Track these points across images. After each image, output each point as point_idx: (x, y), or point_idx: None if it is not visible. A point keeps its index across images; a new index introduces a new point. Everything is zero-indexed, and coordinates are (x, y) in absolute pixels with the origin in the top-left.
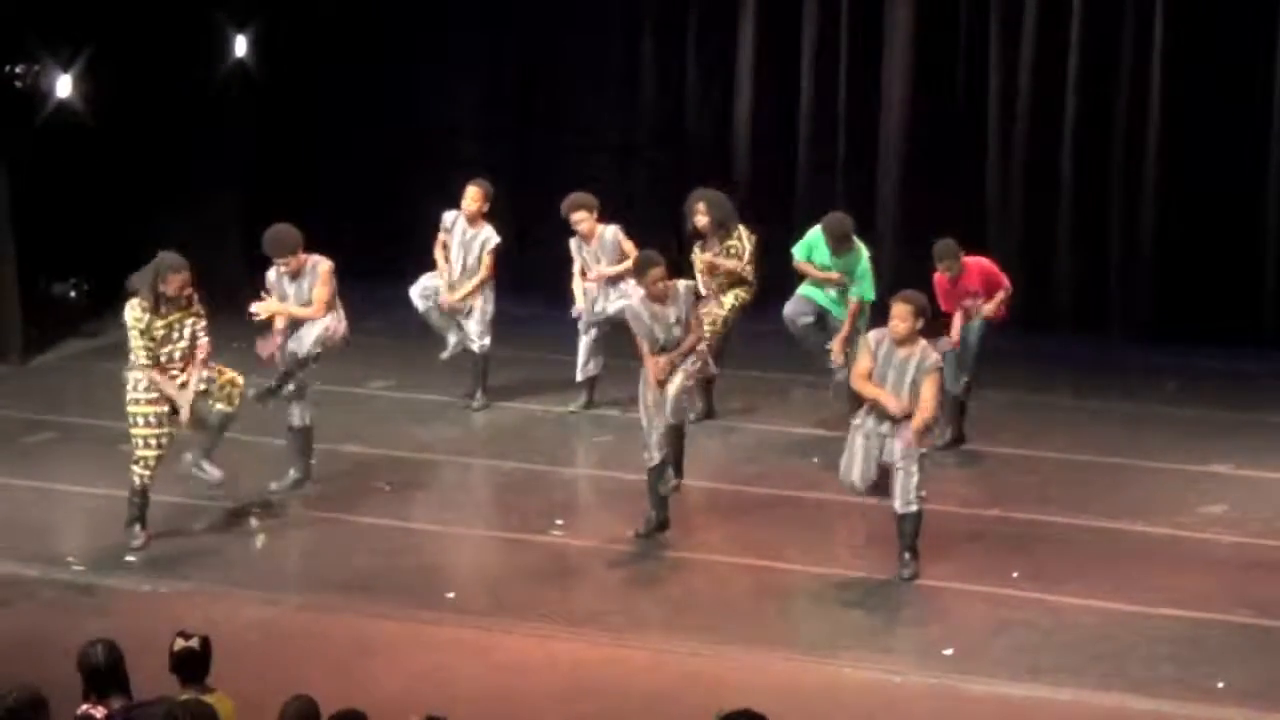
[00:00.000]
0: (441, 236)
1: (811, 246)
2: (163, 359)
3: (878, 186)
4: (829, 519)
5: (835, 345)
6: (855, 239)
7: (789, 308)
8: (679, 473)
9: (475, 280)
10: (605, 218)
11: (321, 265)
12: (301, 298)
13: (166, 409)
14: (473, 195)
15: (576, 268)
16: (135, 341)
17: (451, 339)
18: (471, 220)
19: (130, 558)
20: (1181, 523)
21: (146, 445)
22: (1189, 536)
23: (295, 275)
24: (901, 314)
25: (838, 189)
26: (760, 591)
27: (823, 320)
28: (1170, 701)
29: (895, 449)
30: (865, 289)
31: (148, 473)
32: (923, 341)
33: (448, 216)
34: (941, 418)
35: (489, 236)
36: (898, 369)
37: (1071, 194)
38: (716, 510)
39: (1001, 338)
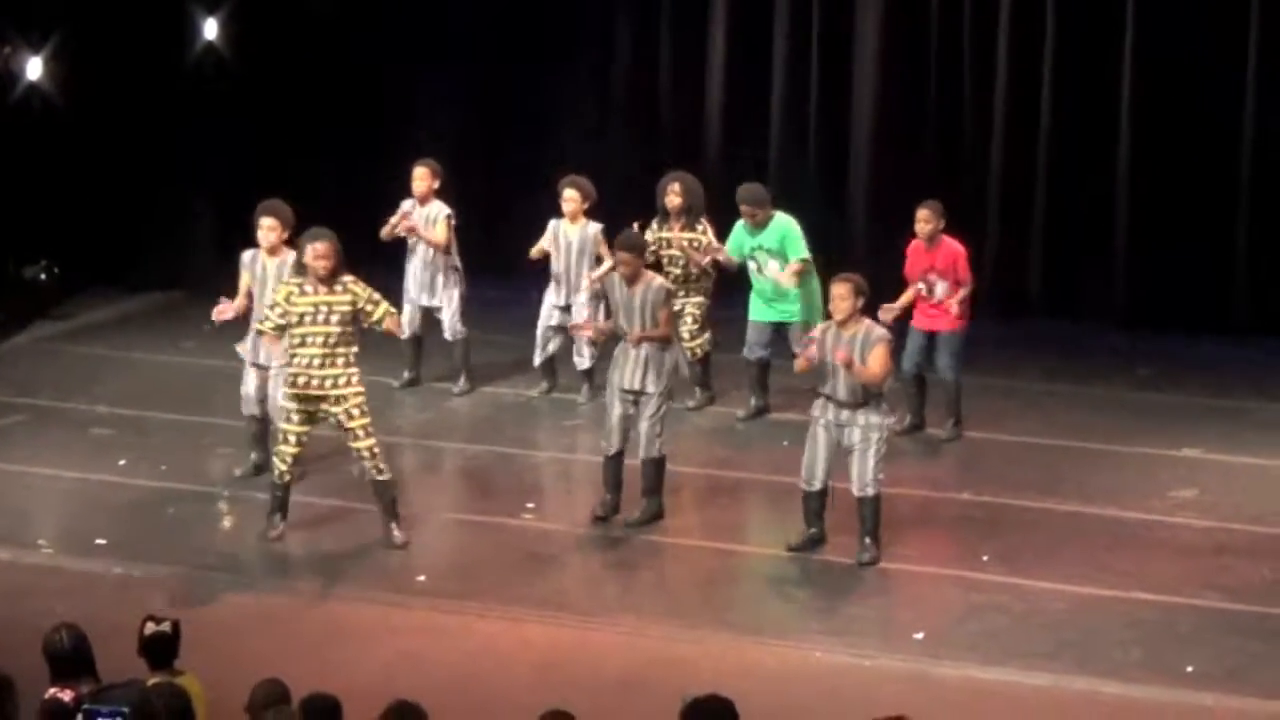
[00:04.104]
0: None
1: (738, 241)
2: (298, 339)
3: (850, 173)
4: (798, 502)
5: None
6: (774, 211)
7: (748, 335)
8: (659, 506)
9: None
10: (590, 212)
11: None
12: (275, 280)
13: (308, 406)
14: (420, 175)
15: (544, 242)
16: (267, 309)
17: (406, 374)
18: (423, 200)
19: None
20: (1152, 507)
21: (283, 442)
22: (1160, 521)
23: (273, 253)
24: (842, 293)
25: (809, 174)
26: (731, 575)
27: (783, 335)
28: (1140, 685)
29: (853, 435)
30: (798, 248)
31: (281, 468)
32: (866, 320)
33: (405, 205)
34: (901, 402)
35: (439, 209)
36: (844, 350)
37: (1045, 180)
38: (687, 494)
39: (975, 320)
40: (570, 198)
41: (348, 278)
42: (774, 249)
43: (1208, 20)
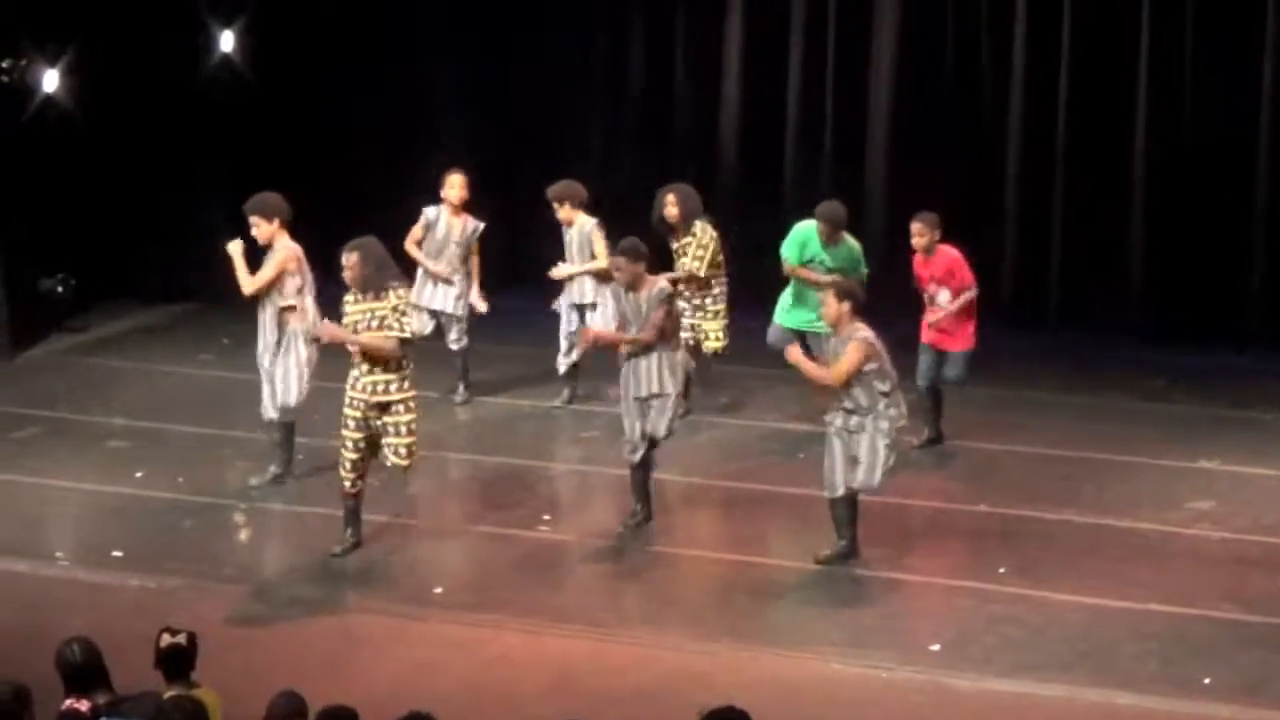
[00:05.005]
0: (416, 232)
1: (804, 242)
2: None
3: (866, 182)
4: (815, 514)
5: None
6: (845, 232)
7: (770, 335)
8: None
9: (474, 267)
10: (590, 209)
11: (280, 251)
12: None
13: (368, 411)
14: (461, 183)
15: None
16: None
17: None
18: (456, 210)
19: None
20: (1169, 518)
21: (344, 448)
22: (1176, 532)
23: (267, 246)
24: (827, 300)
25: (824, 183)
26: (747, 587)
27: (803, 345)
28: (1157, 697)
29: (861, 443)
30: (862, 270)
31: (347, 478)
32: (856, 323)
33: (430, 211)
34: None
35: (478, 225)
36: (833, 355)
37: (1062, 192)
38: (703, 506)
39: (991, 332)
40: (557, 207)
41: (398, 286)
42: (836, 268)
43: (1222, 34)
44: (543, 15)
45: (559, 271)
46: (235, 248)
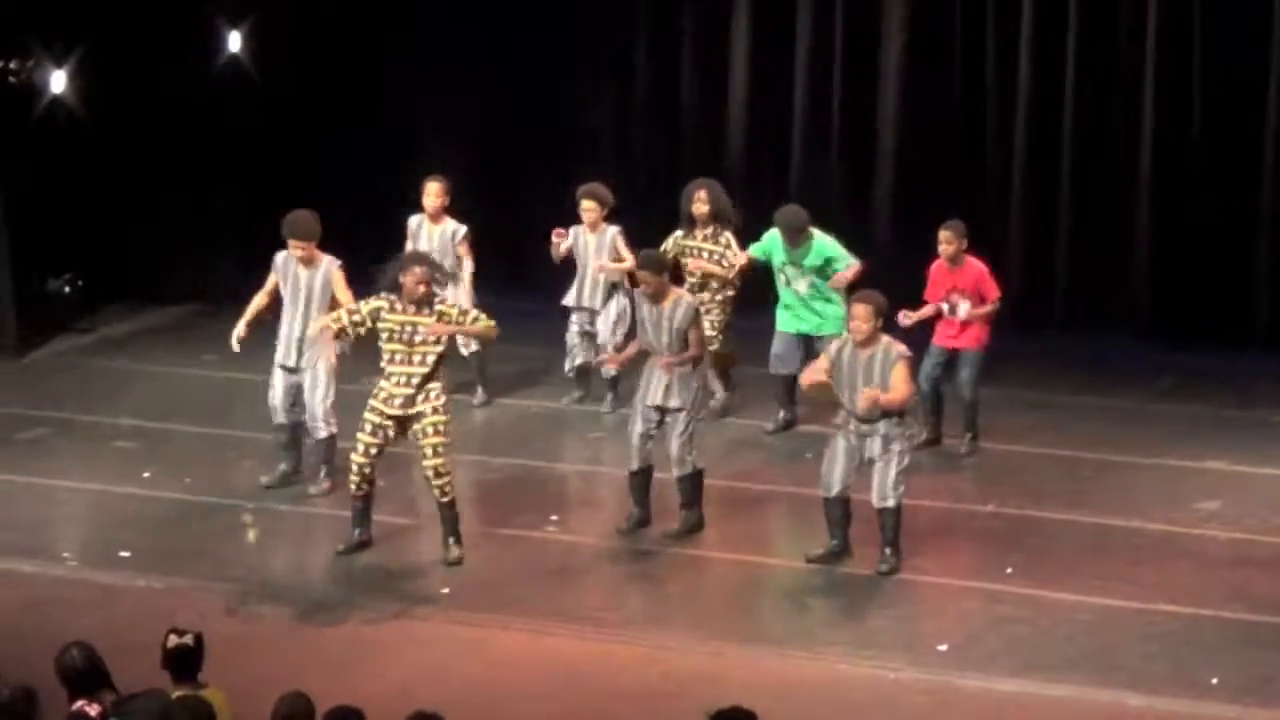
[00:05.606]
0: (409, 246)
1: (769, 247)
2: (386, 355)
3: (874, 178)
4: (821, 515)
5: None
6: (811, 230)
7: (774, 348)
8: (699, 517)
9: (468, 277)
10: (610, 217)
11: (335, 269)
12: (311, 289)
13: (386, 421)
14: (436, 191)
15: (566, 244)
16: (346, 310)
17: None
18: (435, 217)
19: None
20: (1176, 519)
21: (355, 451)
22: (1183, 533)
23: (308, 264)
24: (862, 314)
25: (833, 177)
26: (754, 588)
27: (810, 348)
28: (1164, 697)
29: (874, 447)
30: (846, 258)
31: (353, 480)
32: (885, 338)
33: (413, 221)
34: (918, 417)
35: (457, 228)
36: (864, 371)
37: (1069, 192)
38: (710, 506)
39: (998, 334)
40: (589, 208)
41: (438, 301)
42: (816, 267)
43: (1229, 35)
44: (544, 15)
45: (612, 267)
46: (322, 329)
